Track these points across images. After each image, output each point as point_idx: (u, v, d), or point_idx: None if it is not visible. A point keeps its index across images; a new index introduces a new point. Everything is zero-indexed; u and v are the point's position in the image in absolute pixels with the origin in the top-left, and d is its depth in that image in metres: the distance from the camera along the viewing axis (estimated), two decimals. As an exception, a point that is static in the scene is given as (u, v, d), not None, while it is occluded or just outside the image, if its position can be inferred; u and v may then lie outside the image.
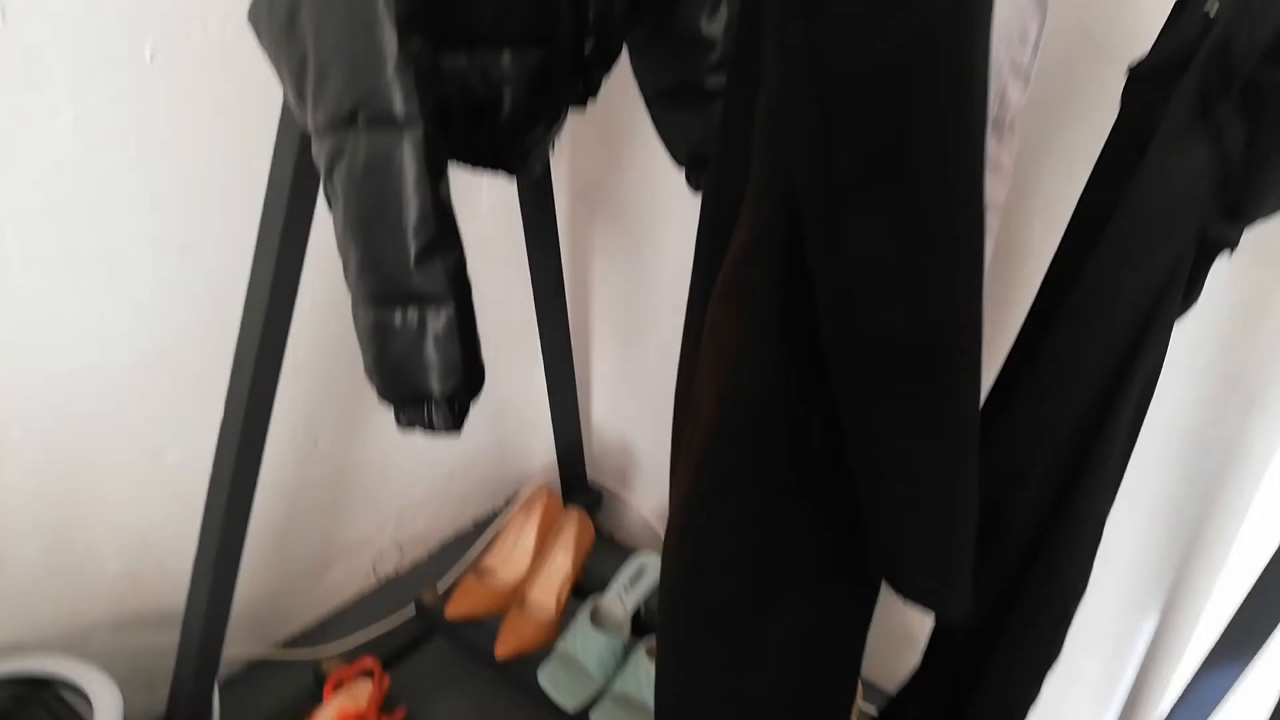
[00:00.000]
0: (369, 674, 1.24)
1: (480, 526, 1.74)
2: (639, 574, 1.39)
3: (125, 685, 1.26)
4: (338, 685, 1.22)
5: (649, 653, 1.28)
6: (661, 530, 1.68)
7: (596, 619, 1.35)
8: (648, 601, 1.40)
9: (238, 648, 1.39)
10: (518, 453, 1.78)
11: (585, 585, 1.44)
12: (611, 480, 1.73)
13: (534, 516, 1.45)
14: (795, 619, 0.77)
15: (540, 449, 1.78)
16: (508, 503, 1.77)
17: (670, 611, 0.83)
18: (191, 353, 1.16)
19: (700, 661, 0.83)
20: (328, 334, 1.30)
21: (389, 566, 1.61)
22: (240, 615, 1.37)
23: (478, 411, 0.92)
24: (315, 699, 1.23)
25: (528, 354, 1.65)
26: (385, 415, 1.44)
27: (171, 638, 1.18)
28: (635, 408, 1.66)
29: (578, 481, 1.67)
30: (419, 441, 1.54)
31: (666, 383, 0.91)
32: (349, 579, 1.54)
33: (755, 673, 0.80)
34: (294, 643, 1.48)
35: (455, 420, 0.86)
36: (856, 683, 0.92)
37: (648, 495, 1.70)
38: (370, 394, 0.92)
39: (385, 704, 1.22)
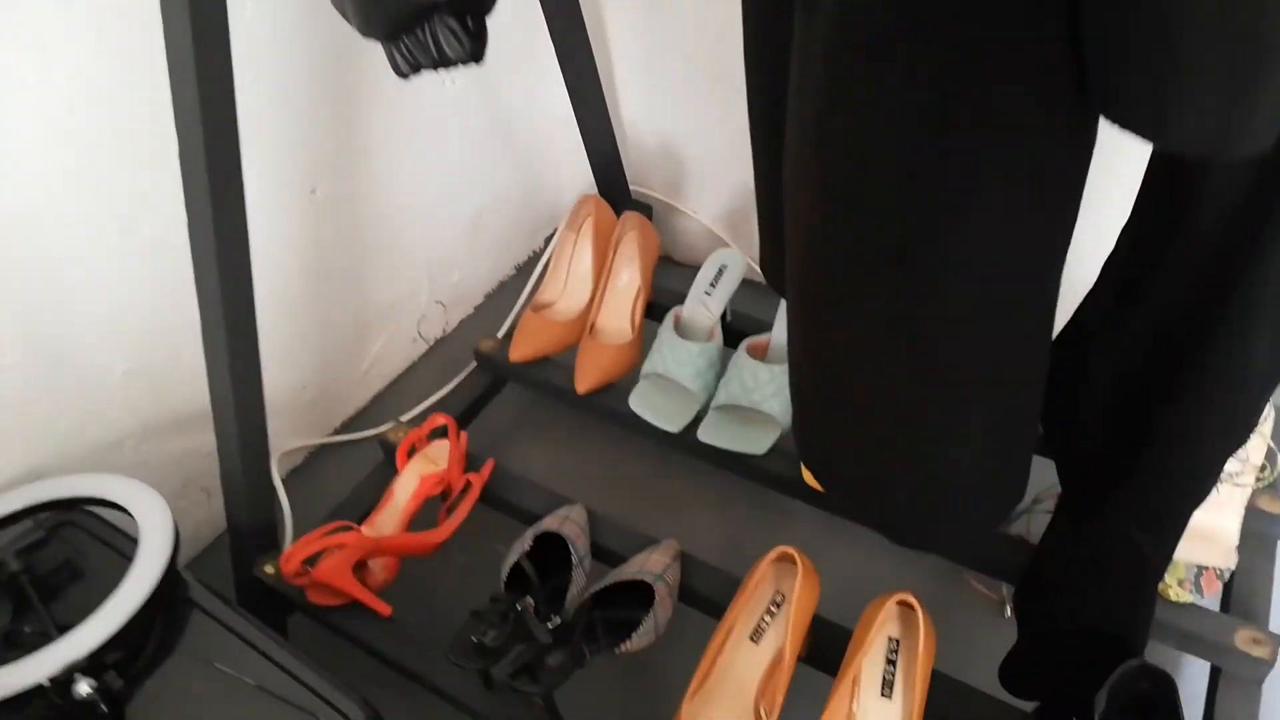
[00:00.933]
0: (443, 433, 1.09)
1: (524, 272, 1.56)
2: (719, 273, 1.20)
3: (177, 496, 1.13)
4: (411, 451, 1.07)
5: (751, 351, 1.11)
6: (725, 235, 1.47)
7: (681, 329, 1.17)
8: (733, 305, 1.22)
9: (291, 440, 1.25)
10: (546, 183, 1.56)
11: (658, 304, 1.26)
12: (659, 190, 1.51)
13: (586, 232, 1.25)
14: (997, 196, 0.55)
15: (571, 174, 1.56)
16: (548, 242, 1.57)
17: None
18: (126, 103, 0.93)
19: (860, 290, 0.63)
20: (296, 48, 1.05)
21: (434, 329, 1.44)
22: (286, 406, 1.22)
23: (493, 136, 0.69)
24: (390, 471, 1.08)
25: (535, 65, 1.39)
26: (387, 149, 1.23)
27: (210, 438, 1.02)
28: (670, 103, 1.41)
29: (622, 197, 1.45)
30: (434, 180, 1.33)
31: (704, 61, 0.67)
32: (394, 348, 1.37)
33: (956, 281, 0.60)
34: (352, 425, 1.33)
35: (472, 39, 0.63)
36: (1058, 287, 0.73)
37: (703, 200, 1.49)
38: (368, 125, 0.68)
39: (467, 464, 1.07)
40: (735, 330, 1.20)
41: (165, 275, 1.01)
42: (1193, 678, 0.96)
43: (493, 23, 0.67)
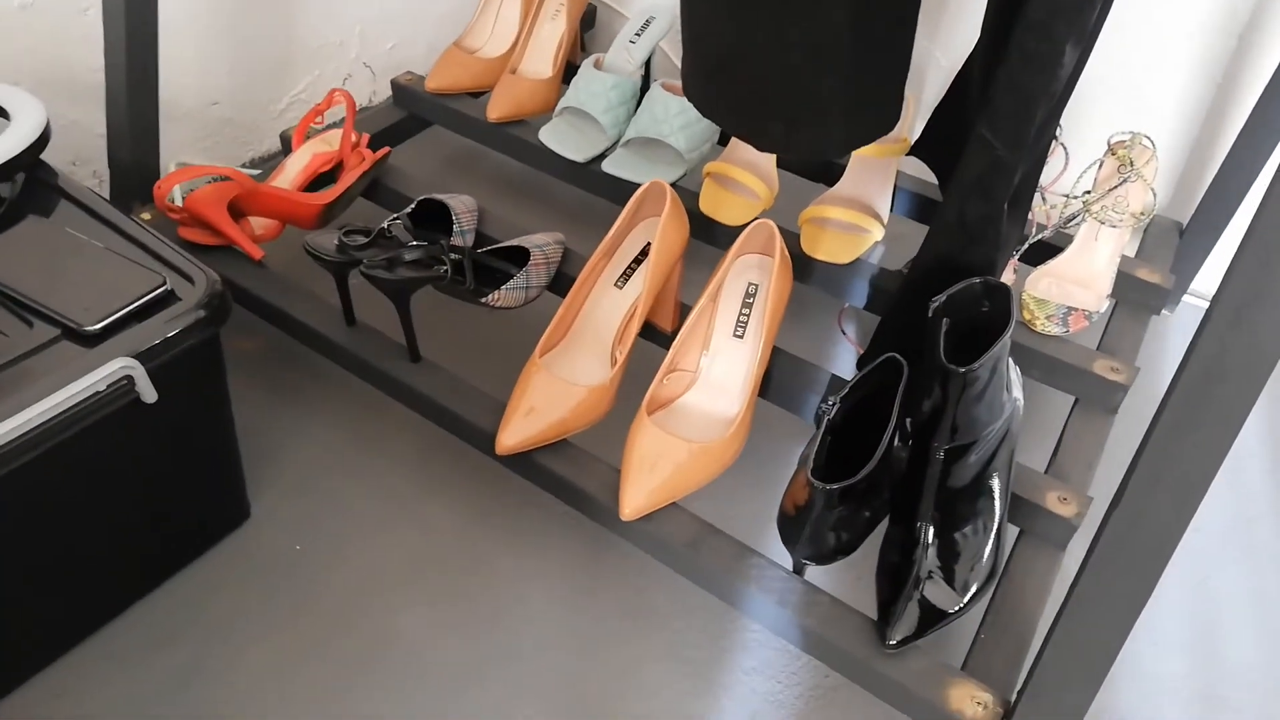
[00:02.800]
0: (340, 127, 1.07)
1: (461, 63, 1.54)
2: (646, 24, 1.20)
3: (64, 168, 1.10)
4: (307, 136, 1.05)
5: (666, 87, 1.11)
6: None
7: (601, 69, 1.17)
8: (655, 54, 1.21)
9: (195, 158, 1.22)
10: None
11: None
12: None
13: (514, -23, 1.24)
14: None
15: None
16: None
17: None
18: None
19: None
20: None
21: (361, 95, 1.42)
22: (192, 115, 1.20)
23: None
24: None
25: None
26: None
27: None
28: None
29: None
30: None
31: None
32: (314, 96, 1.35)
33: None
34: (259, 164, 1.31)
35: None
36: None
37: None
38: None
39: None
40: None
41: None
42: (1055, 411, 0.96)
43: None
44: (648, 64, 1.18)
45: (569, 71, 1.23)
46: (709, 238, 1.04)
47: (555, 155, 1.11)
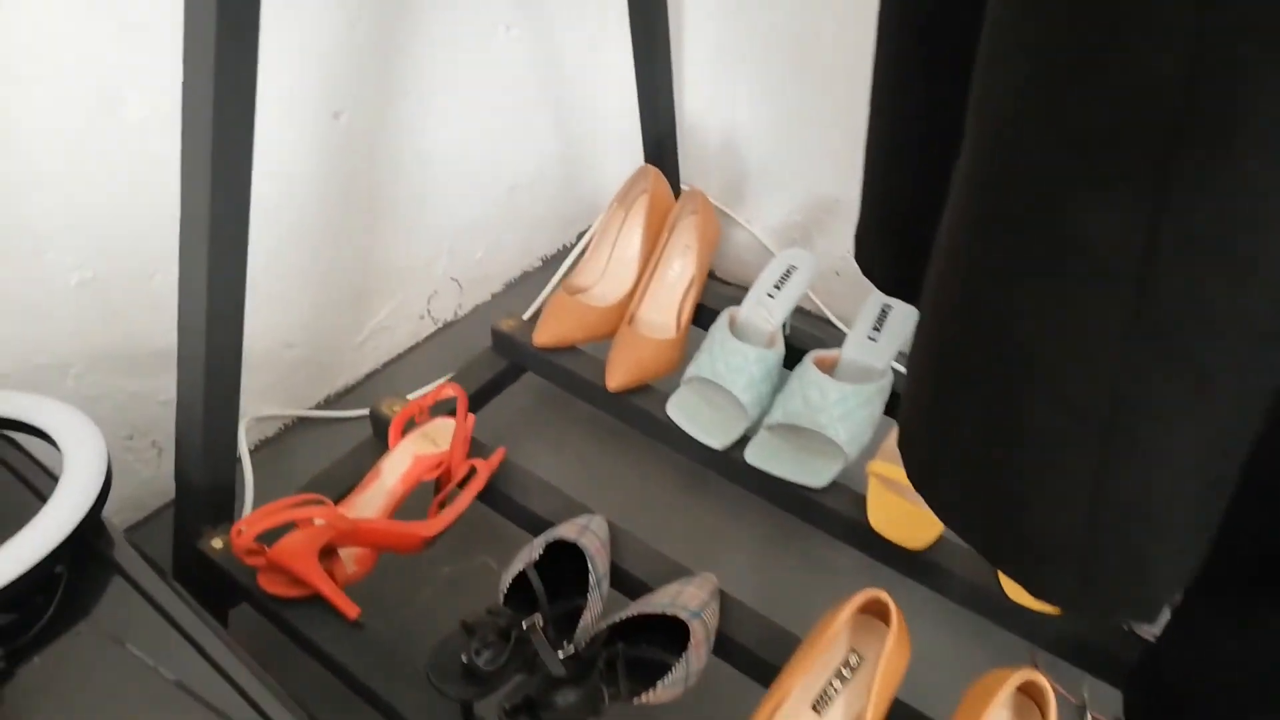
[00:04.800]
0: (450, 410, 0.92)
1: (550, 265, 1.40)
2: (787, 274, 1.04)
3: (121, 447, 0.95)
4: (409, 426, 0.89)
5: (818, 364, 0.95)
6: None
7: (737, 332, 1.01)
8: (794, 315, 1.05)
9: (266, 405, 1.08)
10: (592, 168, 1.41)
11: (706, 309, 1.10)
12: (714, 193, 1.36)
13: (639, 209, 1.09)
14: None
15: (619, 164, 1.41)
16: (580, 238, 1.42)
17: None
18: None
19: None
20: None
21: (446, 309, 1.27)
22: (264, 362, 1.05)
23: (542, 103, 0.57)
24: (380, 449, 0.91)
25: (601, 31, 1.25)
26: (424, 89, 1.07)
27: (169, 385, 0.85)
28: (741, 96, 1.27)
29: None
30: (471, 136, 1.18)
31: (787, 55, 0.53)
32: (399, 322, 1.21)
33: None
34: (336, 402, 1.16)
35: None
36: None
37: (760, 211, 1.34)
38: (408, 56, 0.53)
39: (472, 452, 0.90)
40: (795, 348, 1.04)
41: (148, 169, 0.85)
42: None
43: None
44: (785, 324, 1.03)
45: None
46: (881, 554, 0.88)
47: (684, 433, 0.95)
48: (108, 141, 0.82)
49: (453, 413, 0.90)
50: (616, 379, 0.98)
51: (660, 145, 1.25)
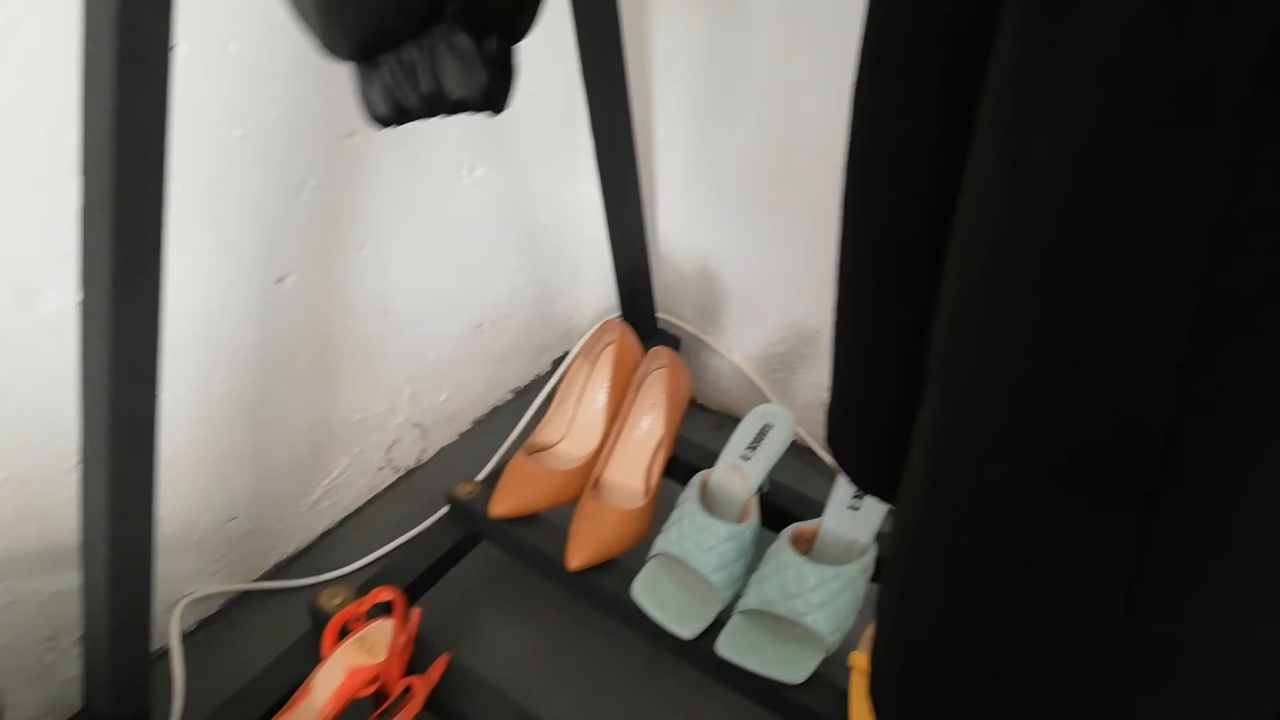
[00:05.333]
0: (387, 608, 0.84)
1: (522, 398, 1.33)
2: (761, 434, 0.97)
3: (43, 649, 0.88)
4: (343, 632, 0.82)
5: (796, 541, 0.87)
6: (763, 385, 1.25)
7: (707, 501, 0.93)
8: (774, 474, 0.98)
9: (206, 583, 1.00)
10: (563, 299, 1.35)
11: (680, 460, 1.02)
12: (691, 322, 1.30)
13: (604, 363, 1.02)
14: None
15: (591, 292, 1.36)
16: (556, 365, 1.35)
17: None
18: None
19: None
20: (284, 101, 0.85)
21: (408, 456, 1.20)
22: (205, 539, 0.98)
23: (508, 239, 0.50)
24: (316, 649, 0.83)
25: (567, 155, 1.20)
26: (379, 240, 1.02)
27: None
28: (716, 222, 1.21)
29: (647, 324, 1.23)
30: (431, 282, 1.12)
31: (762, 180, 0.48)
32: (356, 476, 1.14)
33: None
34: (287, 569, 1.08)
35: (491, 69, 0.41)
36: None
37: (740, 339, 1.27)
38: (359, 208, 0.48)
39: (416, 651, 0.83)
40: (775, 508, 0.96)
41: (66, 362, 0.79)
42: None
43: (533, 110, 0.46)
44: (762, 487, 0.95)
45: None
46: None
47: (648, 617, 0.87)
48: (21, 337, 0.76)
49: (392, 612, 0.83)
50: (578, 558, 0.90)
51: (634, 278, 1.19)
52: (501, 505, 0.95)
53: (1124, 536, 0.35)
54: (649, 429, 0.99)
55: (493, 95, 0.42)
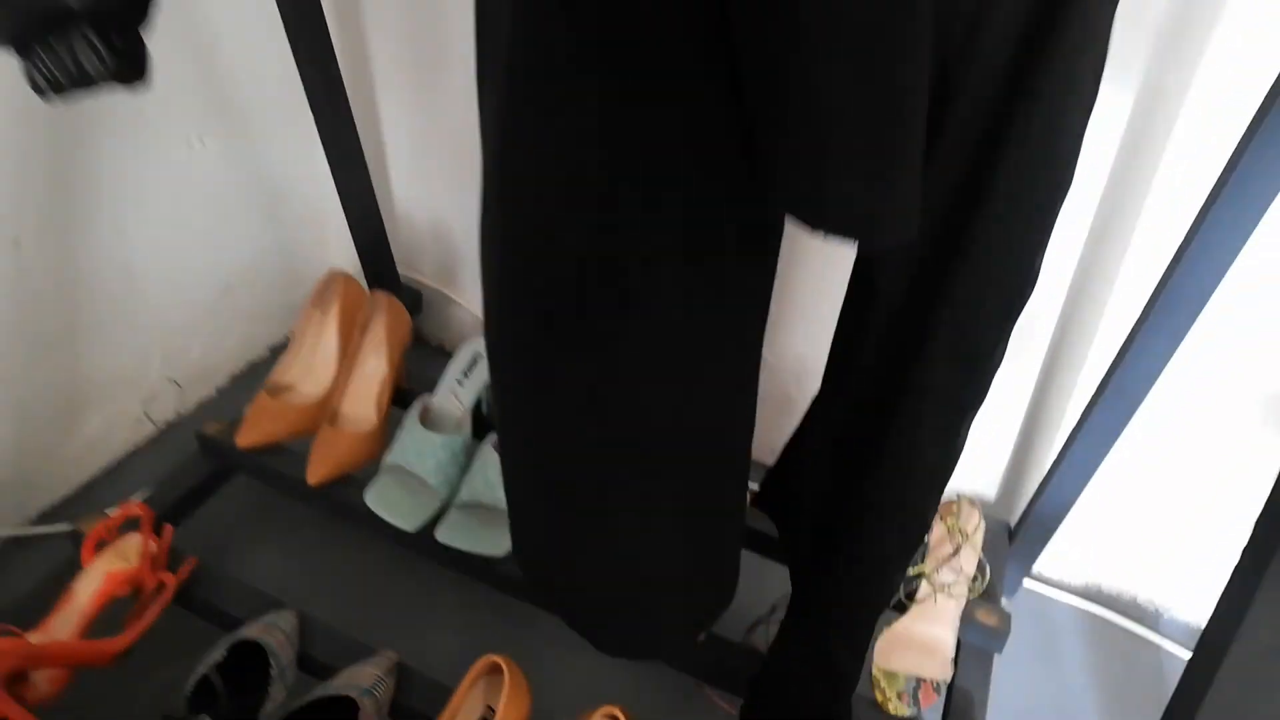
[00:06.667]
0: (137, 524, 0.97)
1: (278, 353, 1.45)
2: (473, 362, 1.16)
3: None
4: (99, 544, 0.94)
5: (498, 447, 1.06)
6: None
7: (428, 420, 1.11)
8: (488, 395, 1.17)
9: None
10: (309, 257, 1.48)
11: (409, 391, 1.19)
12: (430, 275, 1.46)
13: (331, 311, 1.17)
14: (669, 314, 0.55)
15: (337, 248, 1.49)
16: (309, 321, 1.48)
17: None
18: None
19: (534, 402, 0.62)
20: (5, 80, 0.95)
21: (167, 410, 1.31)
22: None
23: (249, 204, 0.62)
24: (77, 569, 0.95)
25: (298, 125, 1.33)
26: (115, 205, 1.12)
27: None
28: (443, 186, 1.38)
29: (389, 280, 1.39)
30: (172, 244, 1.23)
31: (475, 144, 0.67)
32: (115, 429, 1.24)
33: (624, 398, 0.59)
34: (53, 515, 1.18)
35: (118, 56, 0.57)
36: (753, 420, 0.73)
37: (476, 289, 1.44)
38: (93, 176, 0.61)
39: (174, 560, 0.96)
40: (489, 424, 1.15)
41: None
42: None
43: (256, 86, 0.61)
44: (478, 405, 1.14)
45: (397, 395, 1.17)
46: None
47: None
48: None
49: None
50: (317, 474, 1.06)
51: (370, 238, 1.34)
52: (247, 437, 1.09)
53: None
54: (375, 366, 1.15)
55: (124, 73, 0.58)
